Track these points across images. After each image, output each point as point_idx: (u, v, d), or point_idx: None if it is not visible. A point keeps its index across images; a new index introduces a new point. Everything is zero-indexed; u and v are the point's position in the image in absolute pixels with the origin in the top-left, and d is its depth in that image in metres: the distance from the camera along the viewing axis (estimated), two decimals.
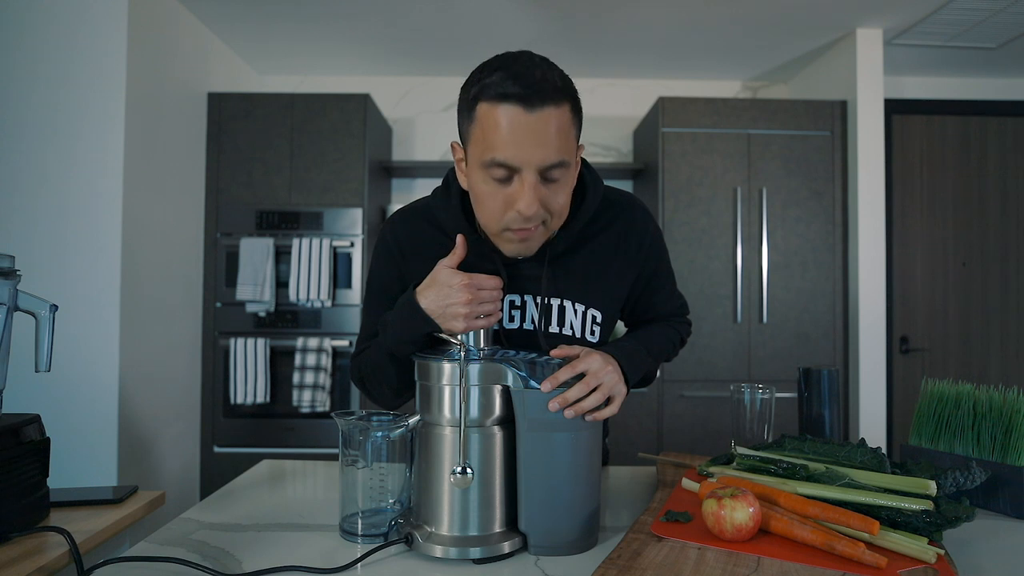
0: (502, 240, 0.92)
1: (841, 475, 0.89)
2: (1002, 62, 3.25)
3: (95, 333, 2.22)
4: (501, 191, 0.86)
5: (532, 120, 0.82)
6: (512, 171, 0.84)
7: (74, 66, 2.24)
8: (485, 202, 0.88)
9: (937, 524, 0.81)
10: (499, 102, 0.82)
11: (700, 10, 2.74)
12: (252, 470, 1.24)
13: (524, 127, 0.82)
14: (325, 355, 2.83)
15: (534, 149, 0.82)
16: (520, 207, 0.85)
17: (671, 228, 2.97)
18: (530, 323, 1.01)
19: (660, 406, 2.94)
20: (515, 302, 1.01)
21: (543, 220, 0.89)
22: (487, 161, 0.84)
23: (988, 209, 3.36)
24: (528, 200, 0.84)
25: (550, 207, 0.88)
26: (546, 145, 0.83)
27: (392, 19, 2.85)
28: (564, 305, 1.01)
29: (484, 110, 0.84)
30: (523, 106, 0.81)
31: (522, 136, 0.82)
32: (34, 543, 0.88)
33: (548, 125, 0.82)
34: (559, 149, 0.84)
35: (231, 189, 2.93)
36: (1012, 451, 1.00)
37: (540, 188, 0.85)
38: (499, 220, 0.88)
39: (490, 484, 0.83)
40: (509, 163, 0.83)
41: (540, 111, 0.82)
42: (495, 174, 0.85)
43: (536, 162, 0.83)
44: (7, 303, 0.94)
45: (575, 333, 1.02)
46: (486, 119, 0.84)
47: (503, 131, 0.82)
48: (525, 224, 0.87)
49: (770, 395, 1.15)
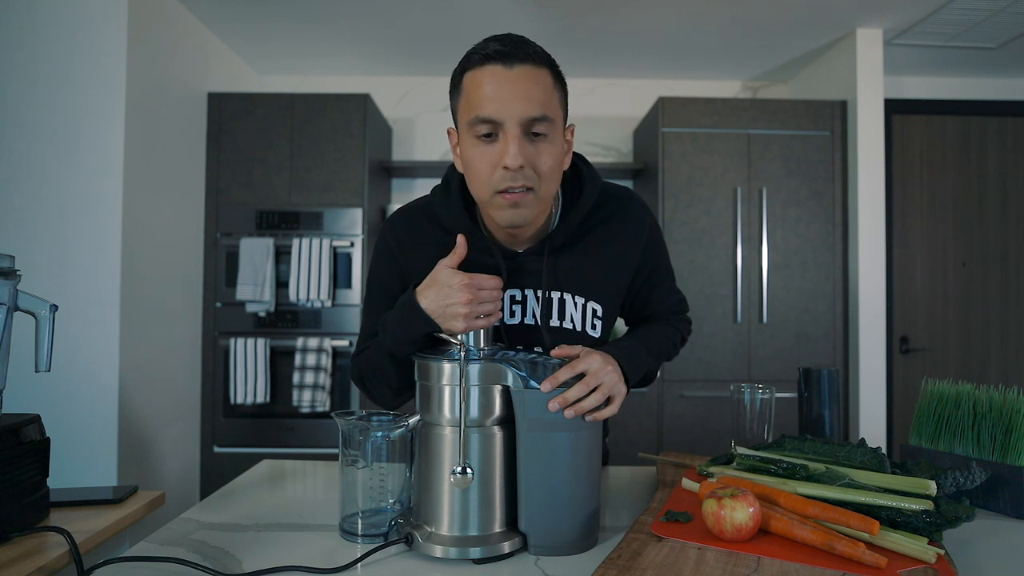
0: (494, 208, 0.91)
1: (841, 475, 0.89)
2: (1002, 62, 3.25)
3: (95, 333, 2.22)
4: (487, 151, 0.87)
5: (512, 75, 0.85)
6: (496, 126, 0.86)
7: (74, 66, 2.24)
8: (475, 166, 0.89)
9: (937, 524, 0.81)
10: (481, 64, 0.86)
11: (700, 10, 2.74)
12: (252, 470, 1.24)
13: (504, 82, 0.85)
14: (325, 355, 2.83)
15: (515, 102, 0.85)
16: (507, 160, 0.86)
17: (671, 228, 2.97)
18: (531, 318, 1.01)
19: (660, 406, 2.94)
20: (515, 297, 1.01)
21: (532, 185, 0.88)
22: (472, 120, 0.87)
23: (988, 209, 3.36)
24: (512, 151, 0.85)
25: (537, 167, 0.88)
26: (527, 99, 0.85)
27: (392, 19, 2.85)
28: (564, 298, 1.01)
29: (468, 77, 0.88)
30: (503, 63, 0.85)
31: (503, 90, 0.85)
32: (34, 543, 0.88)
33: (528, 80, 0.86)
34: (541, 104, 0.86)
35: (231, 189, 2.93)
36: (1012, 451, 1.00)
37: (525, 145, 0.87)
38: (488, 182, 0.88)
39: (490, 484, 0.83)
40: (492, 117, 0.85)
41: (520, 67, 0.86)
42: (479, 131, 0.87)
43: (517, 115, 0.85)
44: (7, 303, 0.94)
45: (576, 327, 1.02)
46: (470, 84, 0.88)
47: (485, 88, 0.86)
48: (513, 182, 0.87)
49: (770, 395, 1.15)
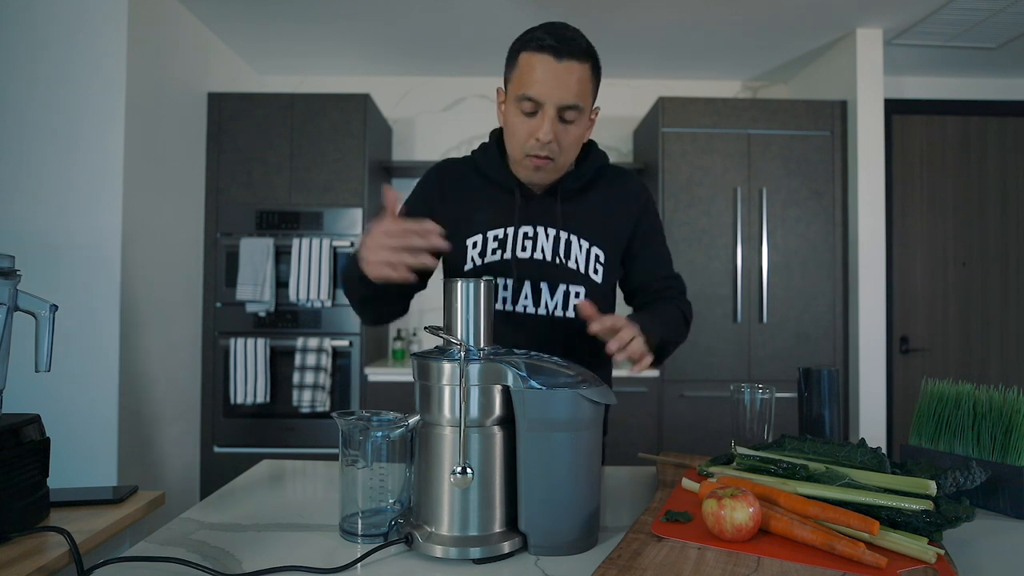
0: (521, 167, 1.13)
1: (841, 475, 0.89)
2: (1002, 62, 3.25)
3: (95, 333, 2.22)
4: (527, 122, 1.07)
5: (559, 67, 1.03)
6: (537, 105, 1.05)
7: (74, 66, 2.24)
8: (515, 131, 1.09)
9: (937, 524, 0.81)
10: (536, 51, 1.04)
11: (700, 10, 2.74)
12: (252, 470, 1.24)
13: (551, 71, 1.03)
14: (325, 355, 2.83)
15: (556, 90, 1.04)
16: (540, 135, 1.05)
17: (671, 228, 2.97)
18: (540, 253, 1.15)
19: (660, 406, 2.94)
20: (528, 233, 1.16)
21: (553, 156, 1.08)
22: (520, 96, 1.06)
23: (988, 209, 3.36)
24: (546, 129, 1.05)
25: (561, 143, 1.08)
26: (566, 89, 1.04)
27: (392, 19, 2.85)
28: (571, 240, 1.16)
29: (524, 58, 1.06)
30: (553, 55, 1.03)
31: (549, 78, 1.03)
32: (34, 543, 0.88)
33: (571, 74, 1.04)
34: (576, 94, 1.05)
35: (231, 189, 2.93)
36: (1012, 451, 1.00)
37: (556, 124, 1.06)
38: (522, 146, 1.09)
39: (490, 484, 0.83)
40: (536, 98, 1.04)
41: (566, 62, 1.03)
42: (524, 107, 1.06)
43: (556, 100, 1.04)
44: (7, 303, 0.94)
45: (579, 268, 1.16)
46: (524, 64, 1.06)
47: (536, 73, 1.04)
48: (541, 151, 1.07)
49: (770, 395, 1.15)
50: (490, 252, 1.16)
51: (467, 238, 1.17)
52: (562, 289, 1.16)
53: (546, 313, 1.16)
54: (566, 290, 1.16)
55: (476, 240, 1.17)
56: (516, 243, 1.15)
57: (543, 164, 1.09)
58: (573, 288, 1.16)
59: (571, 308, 1.15)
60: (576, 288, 1.16)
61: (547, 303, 1.16)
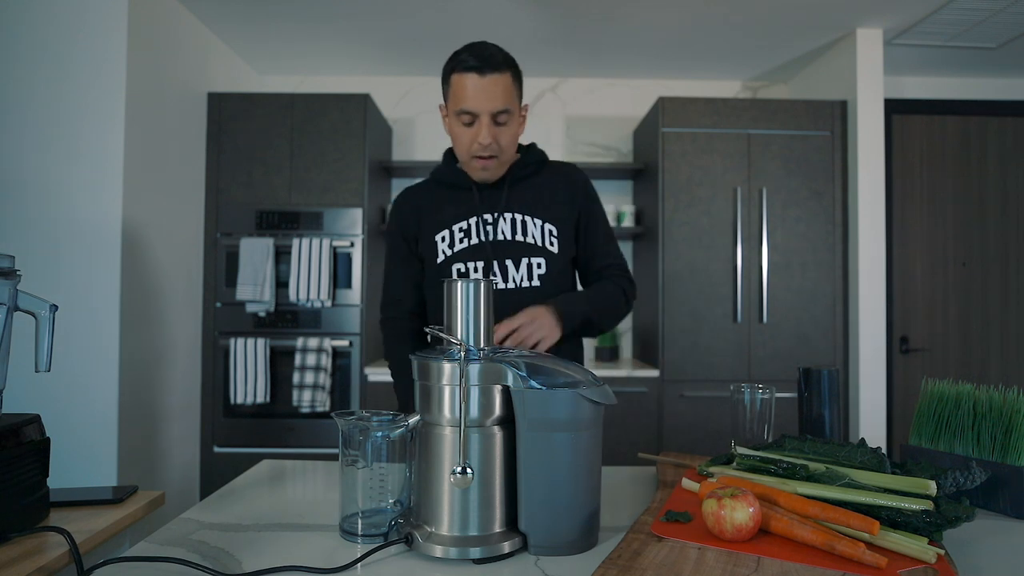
0: (471, 168, 1.32)
1: (841, 475, 0.89)
2: (1002, 62, 3.25)
3: (95, 333, 2.22)
4: (468, 131, 1.27)
5: (484, 82, 1.23)
6: (473, 116, 1.25)
7: (74, 66, 2.24)
8: (459, 139, 1.29)
9: (937, 524, 0.81)
10: (463, 72, 1.24)
11: (700, 10, 2.74)
12: (252, 470, 1.24)
13: (479, 86, 1.23)
14: (325, 355, 2.83)
15: (486, 101, 1.24)
16: (480, 139, 1.26)
17: (671, 228, 2.97)
18: (501, 235, 1.33)
19: (660, 406, 2.94)
20: (488, 219, 1.34)
21: (495, 154, 1.29)
22: (458, 111, 1.26)
23: (988, 209, 3.36)
24: (484, 134, 1.25)
25: (500, 142, 1.28)
26: (494, 98, 1.24)
27: (392, 19, 2.85)
28: (526, 220, 1.35)
29: (455, 78, 1.26)
30: (477, 73, 1.23)
31: (478, 92, 1.24)
32: (34, 543, 0.88)
33: (495, 85, 1.24)
34: (503, 101, 1.25)
35: (231, 189, 2.93)
36: (1012, 451, 1.00)
37: (492, 127, 1.26)
38: (468, 151, 1.29)
39: (490, 484, 0.83)
40: (471, 110, 1.25)
41: (489, 75, 1.23)
42: (463, 119, 1.27)
43: (488, 109, 1.24)
44: (7, 303, 0.94)
45: (537, 242, 1.34)
46: (456, 84, 1.26)
47: (467, 90, 1.24)
48: (483, 152, 1.27)
49: (770, 395, 1.15)
50: (458, 242, 1.35)
51: (435, 235, 1.36)
52: (525, 262, 1.34)
53: (515, 286, 1.33)
54: (529, 262, 1.34)
55: (444, 235, 1.36)
56: (480, 229, 1.33)
57: (488, 163, 1.30)
58: (535, 260, 1.34)
59: (535, 279, 1.34)
60: (537, 259, 1.34)
61: (514, 277, 1.33)
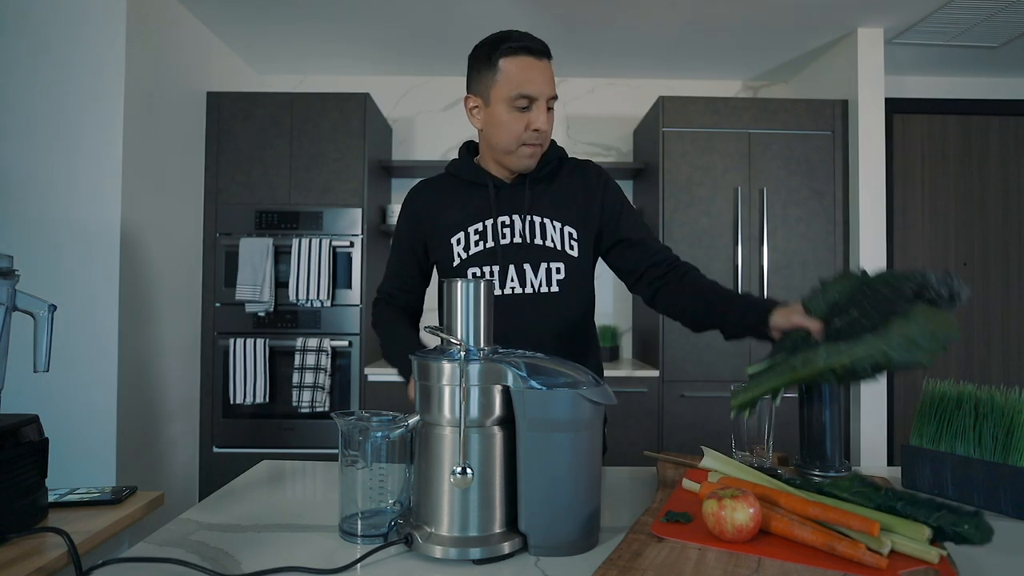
0: (515, 157, 1.25)
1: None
2: (1003, 61, 3.24)
3: (94, 333, 2.22)
4: (523, 116, 1.20)
5: (541, 66, 1.20)
6: (531, 100, 1.19)
7: (73, 65, 2.24)
8: (509, 127, 1.21)
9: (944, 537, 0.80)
10: (516, 53, 1.19)
11: (700, 10, 2.74)
12: (251, 470, 1.24)
13: (537, 70, 1.19)
14: (325, 355, 2.83)
15: (545, 85, 1.20)
16: (538, 124, 1.20)
17: (671, 228, 2.96)
18: (519, 237, 1.27)
19: (660, 406, 2.93)
20: (505, 221, 1.27)
21: (543, 142, 1.24)
22: (514, 95, 1.19)
23: (989, 209, 3.36)
24: (543, 119, 1.21)
25: (547, 130, 1.24)
26: (550, 83, 1.21)
27: (392, 19, 2.85)
28: (544, 222, 1.28)
29: (507, 63, 1.19)
30: (534, 56, 1.20)
31: (537, 76, 1.19)
32: (33, 544, 0.87)
33: (548, 70, 1.21)
34: (554, 87, 1.23)
35: (230, 189, 2.93)
36: (1014, 451, 1.00)
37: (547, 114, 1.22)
38: (518, 138, 1.22)
39: (490, 484, 0.83)
40: (531, 94, 1.19)
41: (544, 60, 1.21)
42: (519, 104, 1.19)
43: (546, 94, 1.20)
44: (6, 303, 0.93)
45: (556, 246, 1.28)
46: (511, 67, 1.19)
47: (525, 73, 1.19)
48: (537, 139, 1.22)
49: (770, 395, 1.15)
50: (473, 245, 1.27)
51: (451, 237, 1.29)
52: (544, 267, 1.27)
53: (532, 291, 1.27)
54: (547, 267, 1.27)
55: (459, 237, 1.28)
56: (496, 232, 1.26)
57: (537, 150, 1.25)
58: (553, 264, 1.27)
59: (554, 284, 1.27)
60: (556, 264, 1.27)
61: (532, 282, 1.27)
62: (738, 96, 3.37)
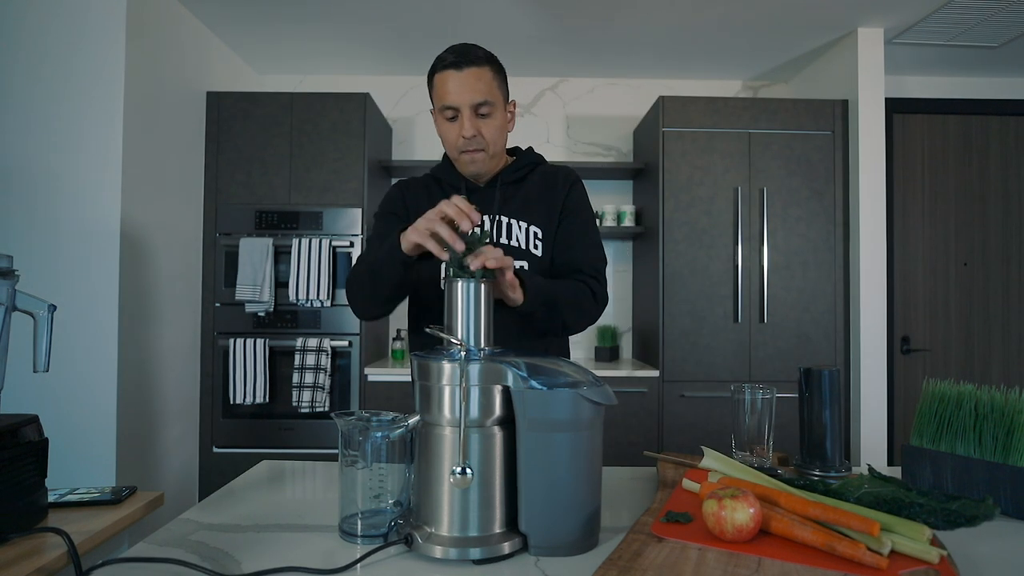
0: (461, 163, 1.33)
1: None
2: (1003, 61, 3.24)
3: (93, 333, 2.22)
4: (453, 126, 1.28)
5: (462, 75, 1.24)
6: (455, 110, 1.26)
7: (73, 65, 2.24)
8: (446, 136, 1.30)
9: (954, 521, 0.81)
10: (442, 69, 1.26)
11: (700, 10, 2.74)
12: (251, 470, 1.24)
13: (457, 80, 1.24)
14: (325, 355, 2.83)
15: (465, 94, 1.24)
16: (464, 132, 1.26)
17: (671, 228, 2.96)
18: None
19: (660, 406, 2.93)
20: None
21: (482, 147, 1.28)
22: (441, 107, 1.27)
23: (989, 208, 3.36)
24: (467, 126, 1.26)
25: (484, 134, 1.28)
26: (473, 90, 1.24)
27: (392, 19, 2.85)
28: (511, 223, 1.34)
29: (437, 78, 1.28)
30: (455, 68, 1.24)
31: (457, 86, 1.24)
32: (32, 544, 0.87)
33: (474, 78, 1.24)
34: (483, 92, 1.25)
35: (230, 189, 2.93)
36: (1014, 452, 1.00)
37: (475, 120, 1.26)
38: (455, 145, 1.29)
39: (490, 484, 0.83)
40: (451, 104, 1.25)
41: (467, 69, 1.24)
42: (447, 115, 1.27)
43: (467, 101, 1.25)
44: (5, 303, 0.93)
45: (520, 245, 1.33)
46: (438, 82, 1.27)
47: (447, 85, 1.25)
48: (469, 145, 1.28)
49: (770, 395, 1.15)
50: None
51: None
52: None
53: None
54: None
55: None
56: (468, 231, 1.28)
57: (476, 156, 1.29)
58: (518, 263, 1.31)
59: None
60: (520, 263, 1.32)
61: None
62: (738, 96, 3.37)
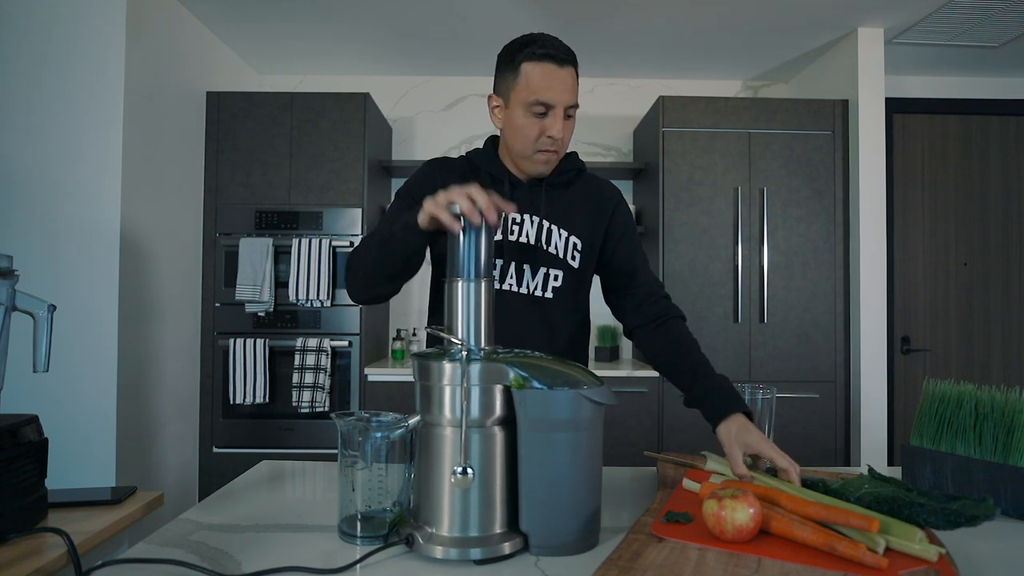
0: (530, 161, 1.24)
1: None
2: (1003, 61, 3.24)
3: (93, 333, 2.22)
4: (538, 122, 1.19)
5: (562, 73, 1.18)
6: (548, 107, 1.18)
7: (73, 65, 2.23)
8: (525, 131, 1.21)
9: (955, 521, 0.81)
10: (539, 60, 1.17)
11: (701, 10, 2.74)
12: (251, 471, 1.24)
13: (557, 77, 1.17)
14: (324, 355, 2.83)
15: (563, 93, 1.18)
16: (553, 132, 1.19)
17: (671, 228, 2.96)
18: (525, 238, 1.26)
19: (660, 406, 2.93)
20: (516, 219, 1.27)
21: (558, 149, 1.23)
22: (532, 100, 1.17)
23: (989, 208, 3.36)
24: (559, 127, 1.19)
25: (564, 138, 1.23)
26: (570, 91, 1.19)
27: (393, 19, 2.85)
28: (552, 229, 1.28)
29: (529, 67, 1.18)
30: (556, 63, 1.17)
31: (556, 83, 1.17)
32: (32, 544, 0.87)
33: (570, 78, 1.19)
34: (575, 95, 1.20)
35: (230, 189, 2.93)
36: (1014, 452, 1.00)
37: (563, 122, 1.19)
38: (533, 144, 1.21)
39: (491, 484, 0.83)
40: (548, 102, 1.17)
41: (566, 68, 1.18)
42: (535, 110, 1.18)
43: (564, 101, 1.18)
44: (5, 303, 0.93)
45: (558, 254, 1.28)
46: (530, 72, 1.18)
47: (544, 80, 1.17)
48: (551, 146, 1.21)
49: (770, 395, 1.15)
50: None
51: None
52: (542, 272, 1.27)
53: (527, 292, 1.27)
54: (546, 272, 1.27)
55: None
56: (506, 227, 1.26)
57: (552, 157, 1.23)
58: (552, 271, 1.27)
59: (550, 289, 1.28)
60: (555, 271, 1.28)
61: (528, 283, 1.27)
62: (738, 96, 3.37)
